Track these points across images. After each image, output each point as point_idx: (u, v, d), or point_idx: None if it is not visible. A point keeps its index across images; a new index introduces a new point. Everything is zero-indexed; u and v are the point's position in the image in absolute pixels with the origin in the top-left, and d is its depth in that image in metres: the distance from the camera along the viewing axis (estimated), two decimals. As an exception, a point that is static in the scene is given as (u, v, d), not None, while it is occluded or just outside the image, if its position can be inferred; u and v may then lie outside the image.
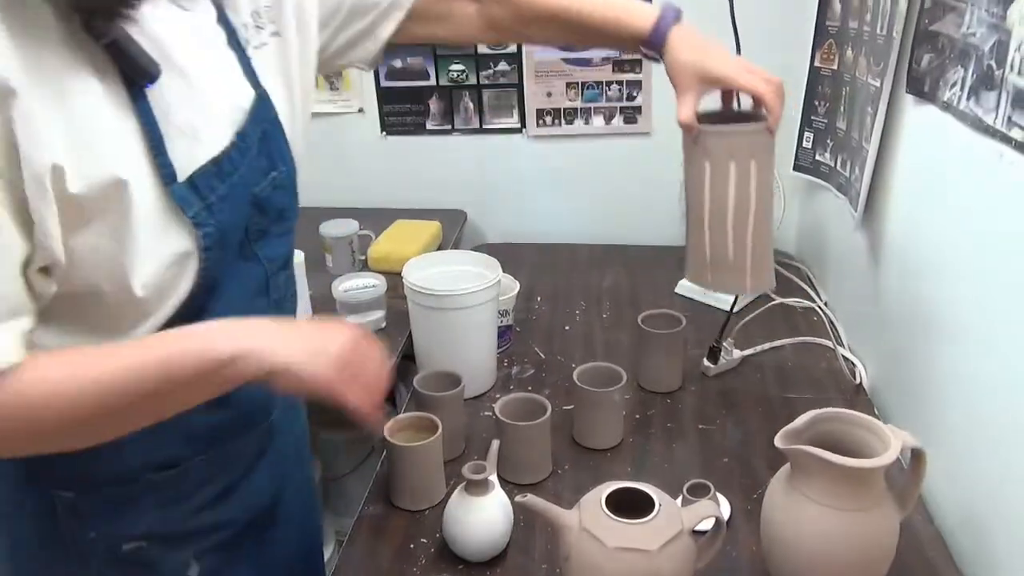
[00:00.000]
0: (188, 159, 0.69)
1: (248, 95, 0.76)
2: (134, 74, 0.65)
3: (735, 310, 1.31)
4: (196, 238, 0.70)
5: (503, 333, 1.34)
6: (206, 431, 0.80)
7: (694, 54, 0.92)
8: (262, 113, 0.77)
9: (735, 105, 1.00)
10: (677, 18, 0.95)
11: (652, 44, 0.94)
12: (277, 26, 0.81)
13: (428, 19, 0.97)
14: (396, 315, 1.40)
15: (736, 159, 0.94)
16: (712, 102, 0.98)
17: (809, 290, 1.56)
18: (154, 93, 0.67)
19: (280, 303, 0.85)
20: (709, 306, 1.50)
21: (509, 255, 1.58)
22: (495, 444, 0.99)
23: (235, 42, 0.76)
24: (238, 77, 0.76)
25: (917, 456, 0.82)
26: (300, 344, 0.68)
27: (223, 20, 0.76)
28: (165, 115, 0.67)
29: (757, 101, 0.94)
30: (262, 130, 0.77)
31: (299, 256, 1.40)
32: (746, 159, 0.94)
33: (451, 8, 0.99)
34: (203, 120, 0.71)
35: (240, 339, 0.66)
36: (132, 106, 0.65)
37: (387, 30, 0.95)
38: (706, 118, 0.95)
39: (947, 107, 0.99)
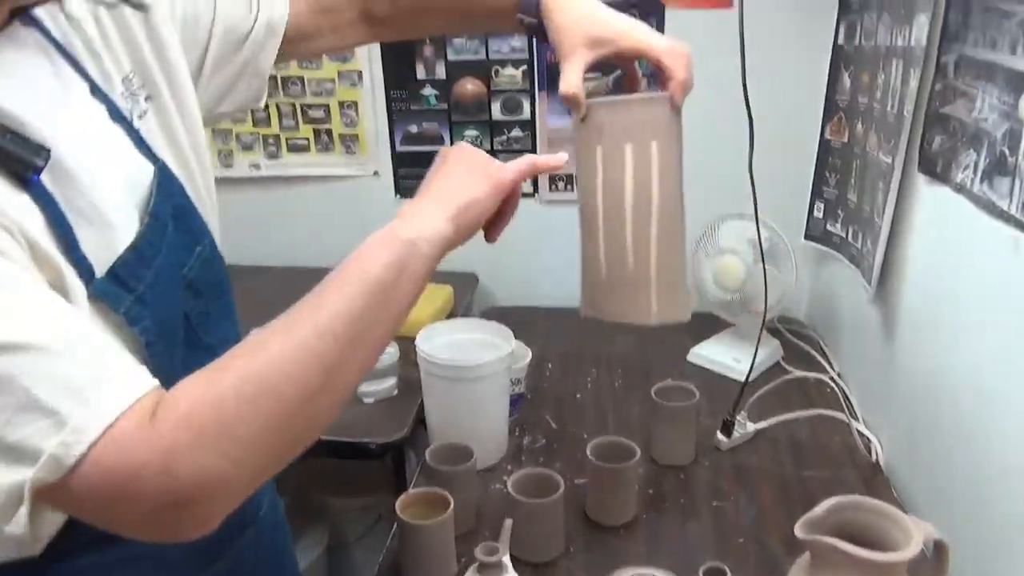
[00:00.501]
0: (104, 249, 0.62)
1: (148, 170, 0.69)
2: (19, 166, 0.57)
3: (749, 379, 1.31)
4: (134, 338, 0.62)
5: (515, 401, 1.33)
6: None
7: (580, 13, 0.80)
8: (167, 186, 0.70)
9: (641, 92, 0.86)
10: None
11: (526, 8, 0.82)
12: (148, 89, 0.72)
13: (307, 36, 0.88)
14: (409, 383, 1.40)
15: (633, 139, 0.78)
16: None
17: (821, 359, 1.56)
18: (49, 180, 0.59)
19: None
20: (723, 376, 1.50)
21: (520, 319, 1.58)
22: (508, 523, 0.98)
23: (117, 115, 0.68)
24: (132, 153, 0.69)
25: (940, 548, 0.81)
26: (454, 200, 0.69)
27: (98, 94, 0.67)
28: (67, 204, 0.60)
29: (659, 71, 0.79)
30: (172, 205, 0.71)
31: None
32: (645, 139, 0.78)
33: (330, 19, 0.89)
34: (109, 204, 0.63)
35: (408, 227, 0.67)
36: (32, 202, 0.58)
37: (267, 62, 0.86)
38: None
39: (960, 189, 1.01)
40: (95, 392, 0.52)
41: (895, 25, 1.23)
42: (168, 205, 0.70)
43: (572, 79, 0.78)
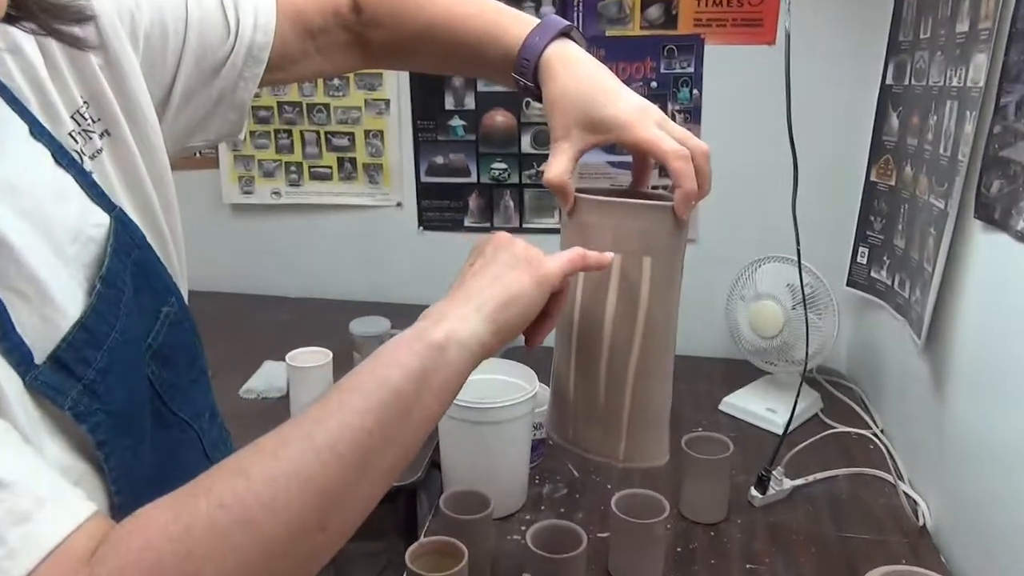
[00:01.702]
0: (43, 331, 0.51)
1: (101, 222, 0.58)
2: None
3: (789, 431, 1.26)
4: (84, 438, 0.52)
5: (536, 447, 1.30)
6: None
7: (578, 86, 0.69)
8: (125, 238, 0.60)
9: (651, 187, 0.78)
10: (564, 32, 0.72)
11: (522, 69, 0.71)
12: (104, 124, 0.62)
13: (292, 60, 0.79)
14: (424, 422, 1.37)
15: (622, 250, 0.69)
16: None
17: (863, 414, 1.51)
18: None
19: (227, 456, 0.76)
20: (757, 427, 1.46)
21: (543, 359, 1.55)
22: (526, 579, 0.94)
23: (65, 159, 0.58)
24: (82, 203, 0.58)
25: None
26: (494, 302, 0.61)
27: (41, 135, 0.57)
28: None
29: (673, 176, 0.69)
30: (132, 261, 0.60)
31: (327, 356, 1.41)
32: (637, 252, 0.69)
33: (318, 42, 0.80)
34: (48, 272, 0.53)
35: (441, 327, 0.59)
36: None
37: (247, 92, 0.75)
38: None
39: (1022, 237, 0.97)
40: (12, 535, 0.43)
41: (949, 65, 1.20)
42: (127, 263, 0.60)
43: (559, 166, 0.69)
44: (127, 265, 0.59)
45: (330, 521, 0.50)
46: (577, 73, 0.69)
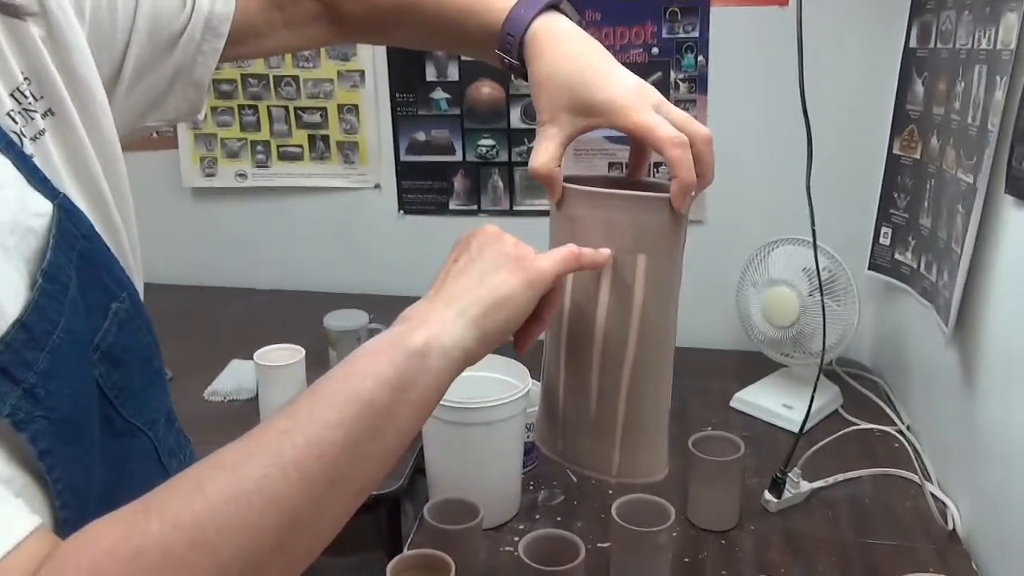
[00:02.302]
0: None
1: (43, 210, 0.57)
2: None
3: (804, 430, 1.27)
4: (23, 446, 0.51)
5: (529, 450, 1.30)
6: None
7: (567, 65, 0.68)
8: (70, 228, 0.59)
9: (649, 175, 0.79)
10: (553, 4, 0.71)
11: (506, 46, 0.71)
12: (47, 102, 0.62)
13: (257, 33, 0.78)
14: (406, 425, 1.38)
15: (615, 246, 0.69)
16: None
17: (888, 410, 1.52)
18: None
19: (186, 465, 0.76)
20: (772, 425, 1.47)
21: (536, 353, 1.56)
22: (518, 593, 0.95)
23: (3, 141, 0.57)
24: (21, 190, 0.57)
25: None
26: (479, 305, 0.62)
27: None
28: None
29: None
30: (77, 252, 0.59)
31: (299, 354, 1.41)
32: (630, 249, 0.68)
33: (286, 14, 0.79)
34: None
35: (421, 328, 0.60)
36: None
37: (206, 68, 0.75)
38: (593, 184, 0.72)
39: (1056, 213, 0.97)
40: None
41: (978, 26, 1.20)
42: (71, 255, 0.59)
43: (545, 153, 0.68)
44: (72, 258, 0.58)
45: (293, 543, 0.50)
46: (566, 50, 0.69)
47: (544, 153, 0.69)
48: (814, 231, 1.15)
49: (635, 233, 0.68)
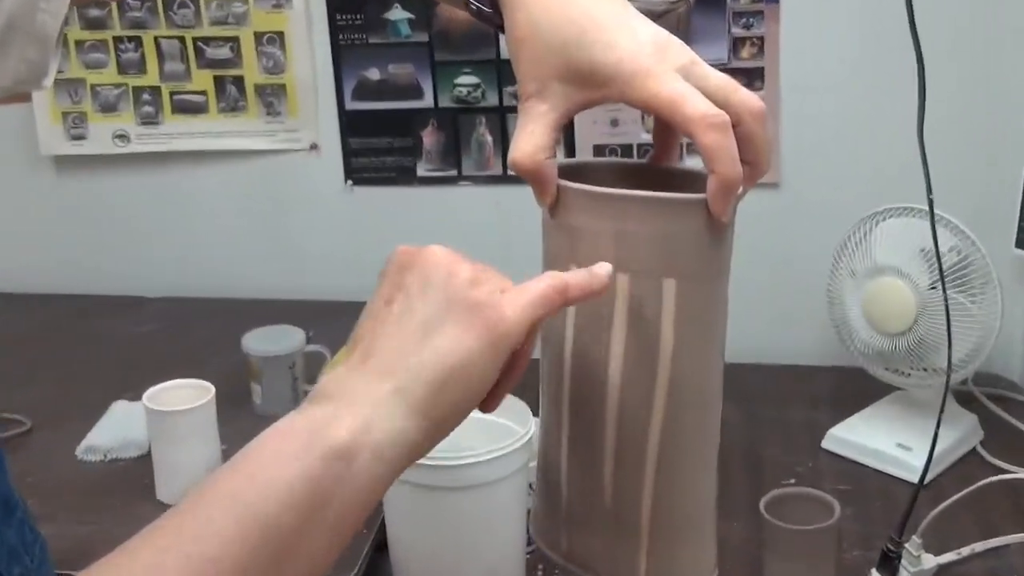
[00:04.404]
0: None
1: None
2: None
3: (926, 481, 1.27)
4: None
5: (538, 519, 1.30)
6: None
7: (559, 15, 0.68)
8: None
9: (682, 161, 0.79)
10: None
11: None
12: None
13: None
14: (363, 487, 1.38)
15: (632, 269, 0.68)
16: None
17: (1047, 446, 1.52)
18: None
19: (36, 570, 0.75)
20: (881, 474, 1.46)
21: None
22: None
23: None
24: None
25: None
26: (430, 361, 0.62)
27: None
28: None
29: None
30: None
31: (207, 392, 1.41)
32: (653, 273, 0.68)
33: None
34: None
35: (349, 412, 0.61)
36: None
37: (54, 19, 0.73)
38: (601, 175, 0.72)
39: None
40: None
41: None
42: None
43: (529, 140, 0.68)
44: None
45: None
46: (562, 2, 0.68)
47: (528, 139, 0.68)
48: (931, 199, 1.14)
49: (660, 250, 0.68)
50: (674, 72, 0.66)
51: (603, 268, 0.66)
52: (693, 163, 0.74)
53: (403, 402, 0.61)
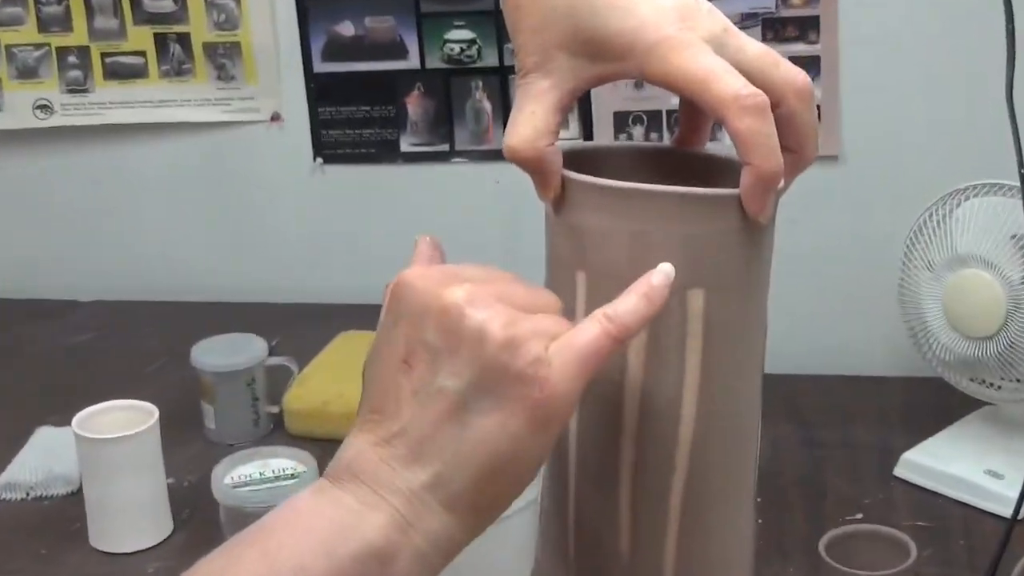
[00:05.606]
0: None
1: None
2: None
3: (1020, 516, 1.27)
4: None
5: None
6: None
7: None
8: None
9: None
10: None
11: None
12: None
13: None
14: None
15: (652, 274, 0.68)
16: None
17: None
18: None
19: None
20: (967, 507, 1.47)
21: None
22: None
23: None
24: None
25: None
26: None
27: None
28: None
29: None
30: None
31: (150, 416, 1.41)
32: (679, 283, 0.67)
33: None
34: None
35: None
36: None
37: None
38: (620, 161, 0.73)
39: None
40: None
41: None
42: None
43: (529, 123, 0.68)
44: None
45: None
46: None
47: (528, 122, 0.68)
48: (1022, 173, 1.14)
49: (684, 256, 0.67)
50: (703, 43, 0.66)
51: (661, 277, 0.65)
52: (721, 152, 0.74)
53: (443, 497, 0.63)
